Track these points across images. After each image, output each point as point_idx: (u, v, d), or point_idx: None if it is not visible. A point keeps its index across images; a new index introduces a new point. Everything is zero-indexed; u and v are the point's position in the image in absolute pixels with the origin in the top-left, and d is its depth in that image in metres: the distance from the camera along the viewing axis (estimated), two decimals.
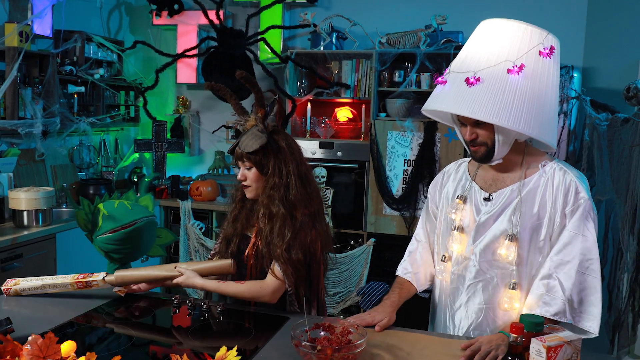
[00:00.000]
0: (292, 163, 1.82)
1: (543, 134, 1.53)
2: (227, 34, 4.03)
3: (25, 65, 3.58)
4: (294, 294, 1.81)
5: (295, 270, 1.76)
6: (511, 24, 1.58)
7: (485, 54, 1.57)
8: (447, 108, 1.61)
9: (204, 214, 4.20)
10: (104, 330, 1.67)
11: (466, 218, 1.71)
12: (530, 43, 1.55)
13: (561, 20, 3.87)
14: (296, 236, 1.76)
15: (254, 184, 1.84)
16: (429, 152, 3.59)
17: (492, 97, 1.51)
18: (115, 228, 2.67)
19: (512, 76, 1.52)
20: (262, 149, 1.79)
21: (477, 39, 1.63)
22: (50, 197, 3.24)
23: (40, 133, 3.57)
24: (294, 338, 1.45)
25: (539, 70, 1.54)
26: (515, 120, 1.50)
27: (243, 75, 1.80)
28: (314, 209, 1.84)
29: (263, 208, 1.80)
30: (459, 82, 1.57)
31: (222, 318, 1.75)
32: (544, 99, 1.54)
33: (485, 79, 1.53)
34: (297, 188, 1.80)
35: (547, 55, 1.54)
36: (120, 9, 4.70)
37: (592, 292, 1.56)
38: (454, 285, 1.73)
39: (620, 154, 3.12)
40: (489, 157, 1.61)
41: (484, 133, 1.59)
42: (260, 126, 1.82)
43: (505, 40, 1.56)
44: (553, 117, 1.57)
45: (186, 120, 4.70)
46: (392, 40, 3.79)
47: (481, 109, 1.51)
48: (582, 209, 1.56)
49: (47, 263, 3.21)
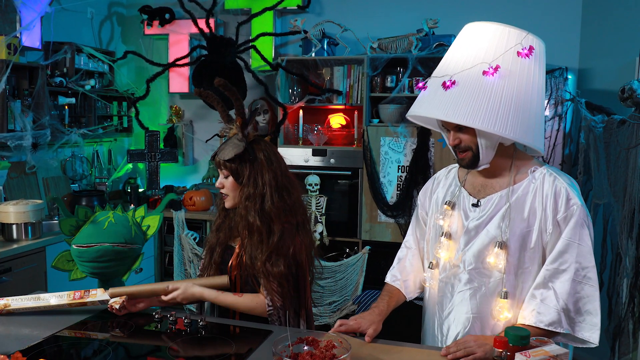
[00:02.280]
0: (269, 174, 1.79)
1: (524, 135, 1.49)
2: (217, 42, 4.00)
3: (14, 77, 3.55)
4: (276, 307, 1.76)
5: (279, 285, 1.72)
6: (490, 26, 1.55)
7: (462, 57, 1.54)
8: (424, 112, 1.58)
9: (198, 224, 4.16)
10: (80, 346, 1.63)
11: (454, 224, 1.67)
12: (508, 44, 1.51)
13: (556, 22, 3.83)
14: (276, 249, 1.73)
15: (230, 192, 1.83)
16: (423, 158, 3.54)
17: (467, 100, 1.48)
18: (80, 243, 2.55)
19: (487, 78, 1.48)
20: (237, 157, 1.77)
21: (458, 43, 1.60)
22: (39, 210, 3.21)
23: (30, 145, 3.54)
24: (275, 354, 1.40)
25: (517, 71, 1.50)
26: (490, 121, 1.46)
27: (221, 83, 1.79)
28: (297, 220, 1.81)
29: (240, 218, 1.78)
30: (437, 87, 1.55)
31: (203, 332, 1.71)
32: (524, 100, 1.49)
33: (460, 81, 1.51)
34: (274, 200, 1.77)
35: (526, 55, 1.50)
36: (112, 19, 4.69)
37: (590, 301, 1.51)
38: (442, 293, 1.69)
39: (617, 156, 3.06)
40: (476, 162, 1.58)
41: (467, 137, 1.55)
42: (240, 135, 1.80)
43: (483, 43, 1.53)
44: (537, 119, 1.53)
45: (179, 129, 4.67)
46: (383, 45, 3.75)
47: (455, 112, 1.48)
48: (576, 216, 1.51)
49: (37, 277, 3.17)
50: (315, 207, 3.81)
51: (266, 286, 1.73)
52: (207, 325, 1.74)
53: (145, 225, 2.85)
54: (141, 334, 1.73)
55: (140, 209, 2.89)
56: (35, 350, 1.55)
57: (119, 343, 1.66)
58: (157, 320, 1.78)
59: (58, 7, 3.88)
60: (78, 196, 3.89)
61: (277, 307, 1.75)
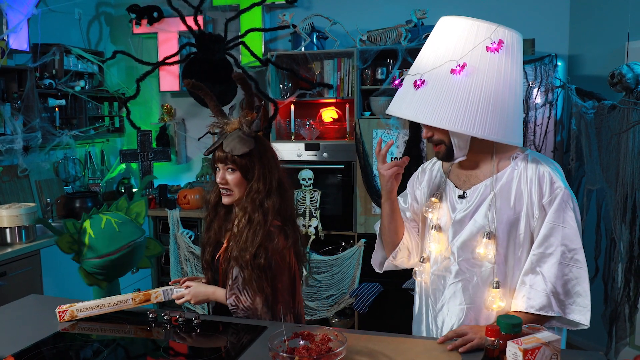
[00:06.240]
0: (275, 170, 1.81)
1: (494, 132, 1.48)
2: (205, 39, 3.98)
3: (3, 80, 3.54)
4: (266, 303, 1.77)
5: (257, 278, 1.73)
6: (460, 21, 1.53)
7: (433, 54, 1.54)
8: (395, 112, 1.60)
9: (193, 222, 4.15)
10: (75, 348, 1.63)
11: (443, 217, 1.67)
12: (477, 39, 1.49)
13: (545, 9, 3.82)
14: (264, 242, 1.74)
15: (235, 188, 1.80)
16: (416, 149, 3.54)
17: (434, 100, 1.49)
18: (101, 255, 2.64)
19: (455, 76, 1.48)
20: (249, 153, 1.76)
21: (431, 39, 1.60)
22: (32, 213, 3.19)
23: (21, 148, 3.52)
24: (271, 349, 1.40)
25: (486, 67, 1.48)
26: (457, 121, 1.46)
27: (240, 76, 1.78)
28: (288, 215, 1.82)
29: (243, 213, 1.78)
30: (409, 85, 1.56)
31: (198, 330, 1.71)
32: (494, 96, 1.48)
33: (429, 81, 1.51)
34: (275, 196, 1.78)
35: (495, 50, 1.48)
36: (100, 19, 4.66)
37: (579, 283, 1.51)
38: (434, 286, 1.69)
39: (609, 141, 3.07)
40: (450, 155, 1.59)
41: (439, 132, 1.57)
42: (246, 129, 1.79)
43: (452, 39, 1.52)
44: (510, 114, 1.51)
45: (172, 128, 4.66)
46: (372, 37, 3.74)
47: (423, 112, 1.50)
48: (559, 198, 1.51)
49: (33, 280, 3.17)
50: (310, 202, 3.81)
51: (248, 278, 1.74)
52: (202, 322, 1.74)
53: (133, 213, 2.90)
54: (136, 333, 1.73)
55: (121, 200, 2.92)
56: (29, 354, 1.54)
57: (115, 344, 1.65)
58: (152, 319, 1.78)
59: (45, 9, 3.85)
60: (72, 198, 3.87)
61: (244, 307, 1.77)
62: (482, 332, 1.47)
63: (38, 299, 2.07)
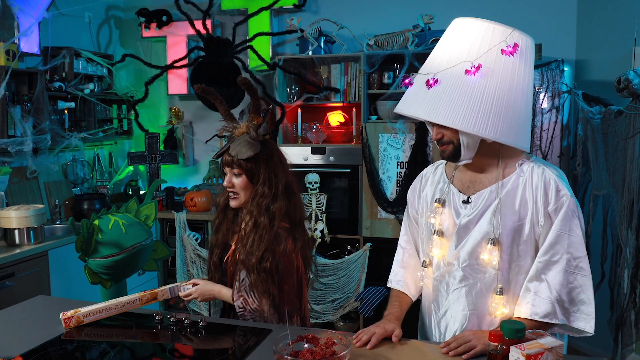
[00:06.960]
0: (282, 174, 1.82)
1: (505, 135, 1.49)
2: (214, 43, 4.01)
3: (13, 83, 3.57)
4: (273, 305, 1.78)
5: (264, 281, 1.74)
6: (476, 23, 1.54)
7: (447, 54, 1.54)
8: (406, 110, 1.59)
9: (200, 225, 4.17)
10: (82, 349, 1.64)
11: (446, 222, 1.67)
12: (492, 42, 1.50)
13: (552, 14, 3.82)
14: (271, 246, 1.75)
15: (241, 191, 1.83)
16: (422, 153, 3.54)
17: (448, 99, 1.49)
18: (105, 255, 2.67)
19: (469, 77, 1.48)
20: (254, 157, 1.78)
21: (444, 39, 1.60)
22: (41, 214, 3.23)
23: (30, 150, 3.56)
24: (276, 352, 1.41)
25: (501, 70, 1.49)
26: (470, 122, 1.47)
27: (245, 81, 1.79)
28: (296, 219, 1.83)
29: (250, 216, 1.79)
30: (421, 84, 1.55)
31: (204, 332, 1.72)
32: (507, 98, 1.49)
33: (443, 80, 1.51)
34: (282, 200, 1.79)
35: (510, 53, 1.49)
36: (109, 23, 4.70)
37: (583, 291, 1.51)
38: (437, 291, 1.69)
39: (615, 147, 3.06)
40: (457, 155, 1.58)
41: (449, 133, 1.56)
42: (253, 134, 1.80)
43: (467, 40, 1.53)
44: (521, 117, 1.52)
45: (179, 131, 4.68)
46: (380, 41, 3.76)
47: (435, 111, 1.49)
48: (566, 207, 1.51)
49: (41, 281, 3.19)
50: (316, 205, 3.82)
51: (254, 282, 1.75)
52: (207, 325, 1.75)
53: (143, 216, 2.93)
54: (142, 336, 1.74)
55: (131, 202, 2.95)
56: (37, 354, 1.56)
57: (122, 345, 1.67)
58: (158, 321, 1.80)
59: (55, 12, 3.89)
60: (80, 200, 3.91)
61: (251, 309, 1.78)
62: (485, 337, 1.47)
63: (46, 300, 2.09)
